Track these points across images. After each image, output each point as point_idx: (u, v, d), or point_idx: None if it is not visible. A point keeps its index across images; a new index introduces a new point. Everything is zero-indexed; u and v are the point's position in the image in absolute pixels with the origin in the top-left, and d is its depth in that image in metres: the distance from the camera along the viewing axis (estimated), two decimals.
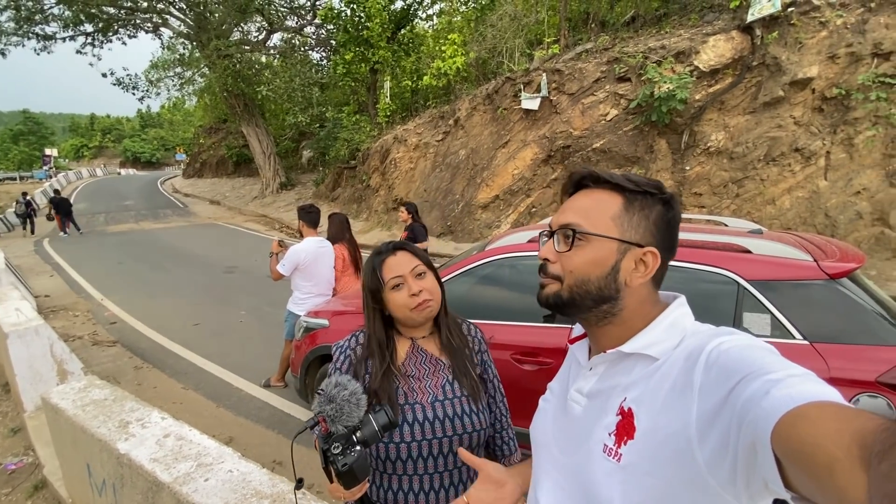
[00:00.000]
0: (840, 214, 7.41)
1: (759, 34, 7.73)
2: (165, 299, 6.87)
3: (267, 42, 19.97)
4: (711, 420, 0.56)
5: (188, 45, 19.84)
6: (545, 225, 3.02)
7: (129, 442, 1.81)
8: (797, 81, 7.51)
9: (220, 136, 29.40)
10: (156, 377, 4.33)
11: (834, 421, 0.43)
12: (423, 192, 11.75)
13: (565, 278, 0.73)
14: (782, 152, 7.70)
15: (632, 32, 9.78)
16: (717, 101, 8.08)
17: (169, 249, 11.13)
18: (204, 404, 3.81)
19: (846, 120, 7.33)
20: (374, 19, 14.12)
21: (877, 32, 7.14)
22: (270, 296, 6.87)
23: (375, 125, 15.06)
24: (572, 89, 9.31)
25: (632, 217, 0.72)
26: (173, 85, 20.90)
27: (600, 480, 0.68)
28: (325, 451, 0.91)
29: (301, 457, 3.01)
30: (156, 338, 5.33)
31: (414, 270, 1.13)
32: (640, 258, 0.72)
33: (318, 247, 3.72)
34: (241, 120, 19.63)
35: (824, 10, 7.45)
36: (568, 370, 0.87)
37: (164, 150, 61.73)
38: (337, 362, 1.20)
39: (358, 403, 0.92)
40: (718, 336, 0.64)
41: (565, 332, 2.43)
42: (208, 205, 21.27)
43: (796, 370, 0.53)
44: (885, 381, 1.74)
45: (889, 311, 1.96)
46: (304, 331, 3.32)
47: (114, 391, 2.28)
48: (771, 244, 2.18)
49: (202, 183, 28.54)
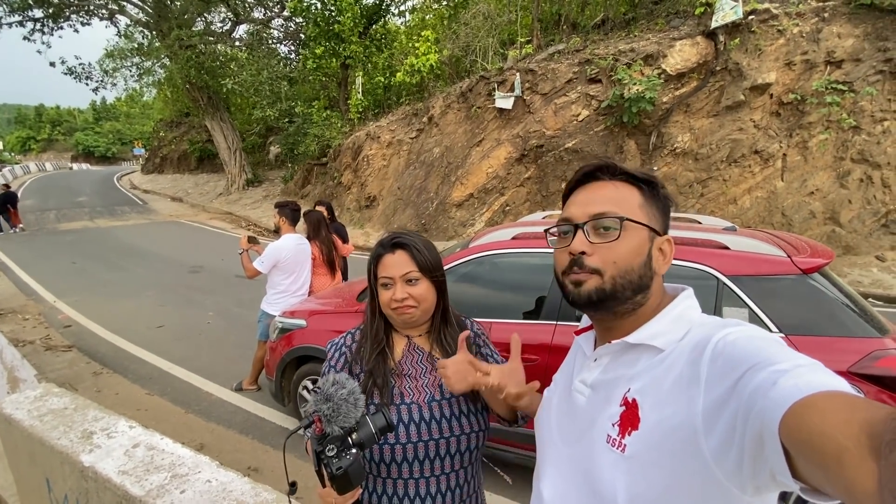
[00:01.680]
0: (795, 214, 7.83)
1: (722, 40, 8.05)
2: (125, 301, 6.52)
3: (233, 33, 19.28)
4: (718, 411, 0.56)
5: (147, 34, 18.91)
6: (527, 222, 3.00)
7: (93, 454, 1.68)
8: (757, 86, 7.87)
9: (182, 130, 28.21)
10: (117, 383, 4.09)
11: (843, 411, 0.43)
12: (396, 189, 11.64)
13: (607, 270, 0.71)
14: (743, 154, 8.05)
15: (602, 35, 9.99)
16: (683, 104, 8.36)
17: (128, 248, 10.58)
18: (171, 410, 3.62)
19: (801, 124, 7.74)
20: (346, 13, 13.85)
21: (830, 41, 7.57)
22: (240, 296, 6.63)
23: (347, 121, 14.80)
24: (545, 89, 9.43)
25: (651, 207, 0.74)
26: (131, 76, 19.91)
27: (604, 471, 0.68)
28: (319, 453, 0.86)
29: (279, 461, 2.91)
30: (116, 341, 5.04)
31: (406, 276, 1.08)
32: (660, 246, 0.74)
33: (298, 244, 3.60)
34: (205, 114, 18.88)
35: (782, 19, 7.83)
36: (573, 361, 0.86)
37: (120, 144, 58.67)
38: (332, 360, 1.15)
39: (356, 403, 0.87)
40: (725, 327, 0.64)
41: (549, 329, 2.44)
42: (170, 202, 20.37)
43: (803, 360, 0.53)
44: (857, 371, 1.82)
45: (856, 304, 2.06)
46: (280, 331, 3.20)
47: (74, 399, 2.12)
48: (746, 241, 2.25)
49: (163, 179, 27.31)
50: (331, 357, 1.16)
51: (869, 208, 7.54)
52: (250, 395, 3.81)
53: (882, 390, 1.82)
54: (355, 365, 1.12)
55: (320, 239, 3.92)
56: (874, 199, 7.52)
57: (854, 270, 6.94)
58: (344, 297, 3.34)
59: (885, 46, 7.30)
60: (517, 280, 2.64)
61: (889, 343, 1.89)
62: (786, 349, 0.57)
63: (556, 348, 2.30)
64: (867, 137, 7.47)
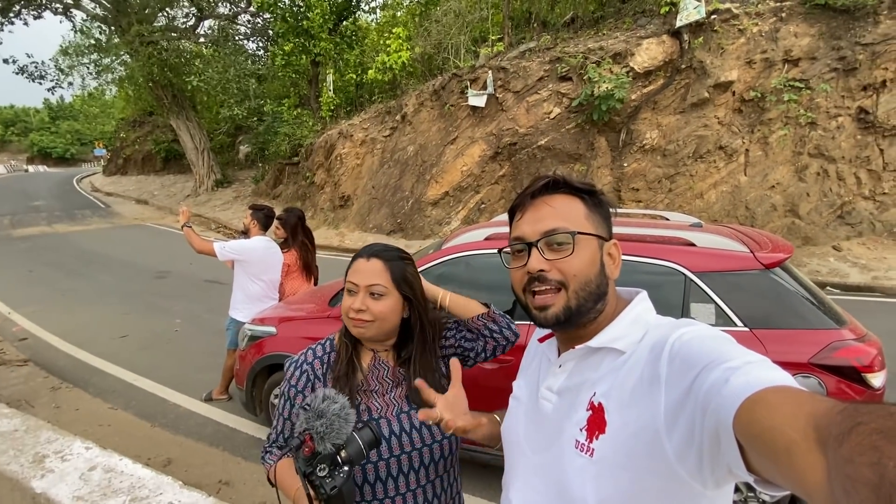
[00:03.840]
0: (758, 207, 8.12)
1: (686, 39, 8.26)
2: (86, 310, 6.22)
3: (197, 29, 18.62)
4: (677, 411, 0.58)
5: (105, 30, 18.06)
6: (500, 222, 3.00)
7: (46, 479, 1.58)
8: (720, 84, 8.11)
9: (146, 130, 27.13)
10: (77, 398, 3.89)
11: (789, 405, 0.45)
12: (371, 188, 11.52)
13: (570, 283, 0.72)
14: (708, 150, 8.30)
15: (571, 33, 10.11)
16: (651, 102, 8.55)
17: (89, 254, 10.12)
18: (136, 425, 3.47)
19: (762, 120, 8.02)
20: (315, 10, 13.57)
21: (787, 40, 7.86)
22: (210, 301, 6.42)
23: (319, 119, 14.53)
24: (517, 87, 9.48)
25: (595, 215, 0.77)
26: (88, 73, 18.98)
27: (573, 476, 0.68)
28: (309, 474, 0.82)
29: (252, 472, 2.83)
30: (76, 353, 4.81)
31: (371, 286, 1.04)
32: (608, 251, 0.77)
33: (267, 248, 3.49)
34: (170, 112, 18.18)
35: (742, 19, 8.09)
36: (538, 369, 0.87)
37: (79, 144, 56.02)
38: (292, 379, 1.09)
39: (347, 419, 0.85)
40: (680, 328, 0.66)
41: (523, 330, 2.44)
42: (134, 204, 19.59)
43: (753, 357, 0.55)
44: (816, 361, 1.89)
45: (815, 296, 2.14)
46: (250, 339, 3.11)
47: (25, 420, 2.00)
48: (712, 237, 2.31)
49: (126, 181, 26.23)
50: (290, 376, 1.10)
51: (825, 201, 7.89)
52: (220, 406, 3.69)
53: (841, 380, 1.90)
54: (318, 382, 1.07)
55: (298, 243, 3.81)
56: (830, 192, 7.88)
57: (813, 260, 7.25)
58: (316, 301, 3.26)
59: (838, 45, 7.64)
60: (491, 280, 2.64)
61: (846, 334, 1.97)
62: (737, 346, 0.59)
63: None
64: (823, 133, 7.81)
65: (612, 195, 8.53)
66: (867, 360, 1.88)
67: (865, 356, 1.89)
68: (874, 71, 7.50)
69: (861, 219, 7.74)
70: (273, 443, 1.13)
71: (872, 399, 1.89)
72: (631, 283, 0.80)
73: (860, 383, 1.87)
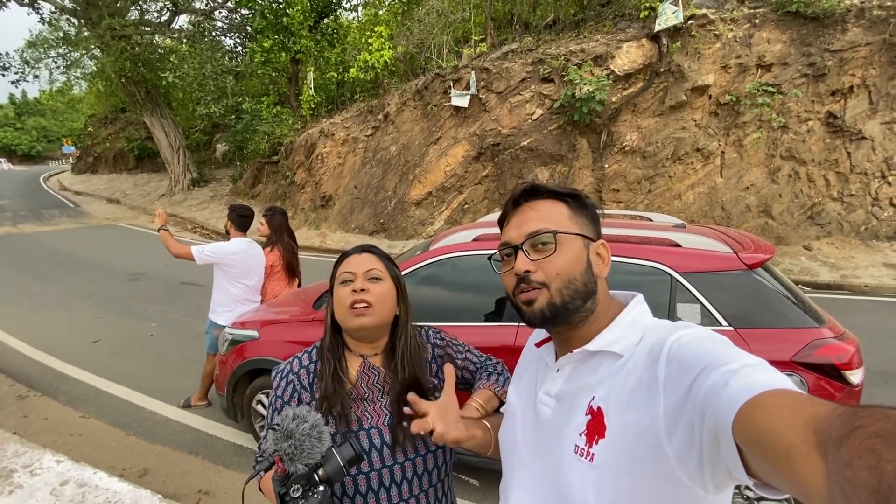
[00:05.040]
0: (733, 207, 8.35)
1: (665, 43, 8.42)
2: (55, 314, 5.97)
3: (172, 24, 18.10)
4: (677, 414, 0.58)
5: (74, 23, 17.39)
6: (488, 223, 2.98)
7: (14, 495, 1.49)
8: (697, 88, 8.31)
9: (118, 127, 26.23)
10: (46, 406, 3.72)
11: (789, 408, 0.45)
12: (353, 188, 11.39)
13: (552, 283, 0.73)
14: (686, 152, 8.49)
15: (553, 35, 10.20)
16: (631, 104, 8.69)
17: (58, 256, 9.72)
18: (109, 434, 3.33)
19: (737, 123, 8.25)
20: (295, 6, 13.34)
21: (760, 46, 8.10)
22: (187, 304, 6.24)
23: (299, 118, 14.29)
24: (500, 88, 9.51)
25: (579, 216, 0.78)
26: (56, 67, 18.24)
27: (574, 482, 0.68)
28: (283, 495, 0.78)
29: (234, 481, 2.75)
30: (44, 360, 4.60)
31: (369, 272, 1.03)
32: (597, 251, 0.78)
33: (248, 249, 3.39)
34: (143, 109, 17.62)
35: (718, 24, 8.30)
36: (535, 373, 0.86)
37: (46, 141, 53.84)
38: (278, 389, 1.06)
39: (320, 437, 0.80)
40: (677, 330, 0.66)
41: (511, 331, 2.43)
42: (105, 204, 18.91)
43: (751, 360, 0.55)
44: (798, 360, 1.94)
45: (796, 296, 2.19)
46: (230, 343, 3.02)
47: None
48: (696, 238, 2.34)
49: (97, 179, 25.32)
50: (277, 386, 1.06)
51: (797, 201, 8.16)
52: (199, 412, 3.58)
53: (821, 377, 1.95)
54: (305, 392, 1.04)
55: (282, 244, 3.71)
56: (801, 193, 8.15)
57: (785, 259, 7.49)
58: (300, 304, 3.19)
59: (808, 51, 7.91)
60: (479, 282, 2.62)
61: (826, 332, 2.02)
62: (734, 349, 0.59)
63: (519, 350, 2.28)
64: (794, 136, 8.07)
65: (593, 196, 8.62)
66: (846, 358, 1.94)
67: (845, 354, 1.94)
68: (842, 77, 7.80)
69: (830, 219, 8.04)
70: (264, 453, 1.09)
71: (851, 395, 1.94)
72: (618, 283, 0.82)
73: (840, 380, 1.93)
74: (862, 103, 7.84)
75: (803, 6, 7.79)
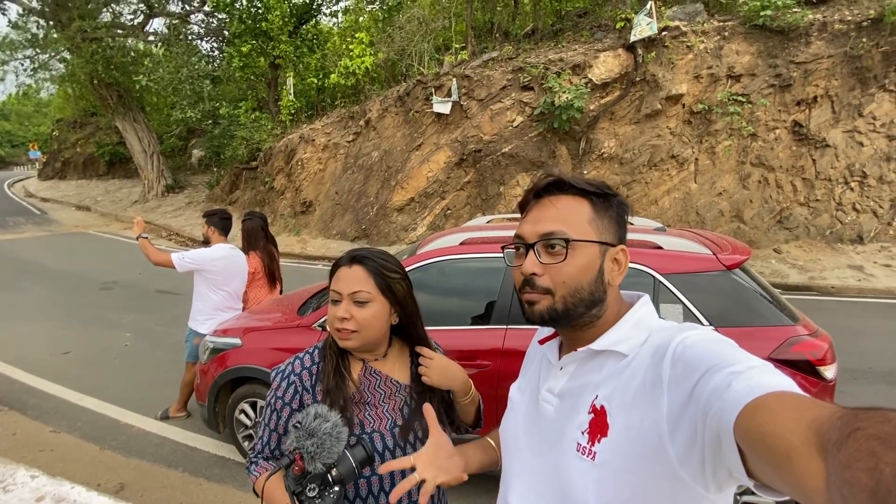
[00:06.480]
0: (707, 212, 8.61)
1: (640, 53, 8.68)
2: (22, 325, 5.72)
3: (146, 27, 17.71)
4: (680, 414, 0.58)
5: (43, 25, 16.84)
6: (474, 227, 2.99)
7: None
8: (671, 97, 8.57)
9: (88, 131, 25.41)
10: (14, 421, 3.55)
11: (791, 410, 0.45)
12: (334, 194, 11.30)
13: (557, 290, 0.72)
14: (661, 158, 8.73)
15: (532, 44, 10.39)
16: (608, 112, 8.91)
17: (24, 264, 9.32)
18: (83, 448, 3.20)
19: (709, 131, 8.53)
20: (274, 11, 13.24)
21: (730, 57, 8.42)
22: (162, 313, 6.06)
23: (278, 123, 14.12)
24: (481, 95, 9.62)
25: (602, 219, 0.75)
26: (23, 70, 17.61)
27: (575, 480, 0.68)
28: (298, 494, 0.79)
29: (216, 494, 2.67)
30: (11, 373, 4.39)
31: (354, 294, 1.00)
32: (614, 257, 0.75)
33: (230, 255, 3.32)
34: (115, 113, 17.13)
35: (690, 36, 8.60)
36: (539, 370, 0.86)
37: (10, 146, 51.71)
38: (278, 390, 1.04)
39: (339, 437, 0.81)
40: (683, 331, 0.66)
41: (500, 334, 2.45)
42: (74, 211, 18.25)
43: (755, 362, 0.56)
44: (775, 357, 2.01)
45: (771, 295, 2.28)
46: (212, 352, 2.95)
47: None
48: (676, 240, 2.42)
49: (65, 185, 24.43)
50: (277, 387, 1.05)
51: (766, 207, 8.47)
52: (178, 424, 3.47)
53: (797, 373, 2.02)
54: (307, 394, 1.03)
55: (260, 249, 3.65)
56: (770, 199, 8.47)
57: (757, 262, 7.75)
58: (283, 310, 3.14)
59: (774, 63, 8.26)
60: (467, 285, 2.63)
61: (801, 330, 2.11)
62: (739, 351, 0.59)
63: (507, 352, 2.32)
64: (763, 143, 8.39)
65: None
66: (820, 354, 2.02)
67: (819, 350, 2.03)
68: (806, 87, 8.16)
69: (797, 223, 8.36)
70: (258, 454, 1.07)
71: (825, 390, 2.03)
72: None
73: (815, 376, 2.01)
74: (825, 112, 8.22)
75: (769, 20, 8.15)
